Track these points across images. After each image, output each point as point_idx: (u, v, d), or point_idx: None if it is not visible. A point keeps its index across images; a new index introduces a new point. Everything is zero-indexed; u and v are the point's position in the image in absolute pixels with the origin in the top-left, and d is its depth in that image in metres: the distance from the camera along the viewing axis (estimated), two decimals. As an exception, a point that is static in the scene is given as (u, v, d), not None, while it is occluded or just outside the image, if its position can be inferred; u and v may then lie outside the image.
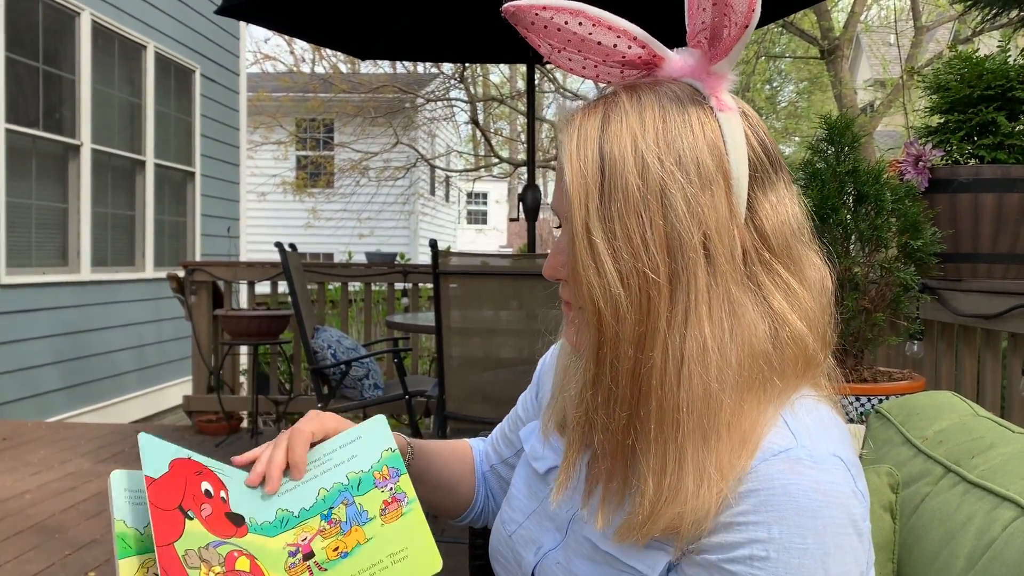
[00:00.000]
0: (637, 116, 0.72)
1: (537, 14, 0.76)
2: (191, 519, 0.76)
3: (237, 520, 0.80)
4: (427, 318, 3.59)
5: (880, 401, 1.93)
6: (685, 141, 0.71)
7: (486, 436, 1.42)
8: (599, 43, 0.76)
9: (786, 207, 0.76)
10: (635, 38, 0.75)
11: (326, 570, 0.80)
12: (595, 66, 0.78)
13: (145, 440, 0.80)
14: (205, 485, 0.80)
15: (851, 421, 1.87)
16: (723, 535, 0.68)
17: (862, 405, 1.96)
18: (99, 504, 3.50)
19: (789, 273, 0.74)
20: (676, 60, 0.77)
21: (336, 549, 0.81)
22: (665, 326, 0.70)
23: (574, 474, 0.81)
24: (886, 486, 0.96)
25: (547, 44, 0.78)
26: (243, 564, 0.76)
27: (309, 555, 0.81)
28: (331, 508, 0.83)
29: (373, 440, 0.89)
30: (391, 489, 0.85)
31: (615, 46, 0.76)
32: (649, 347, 0.70)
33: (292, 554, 0.80)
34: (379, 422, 0.90)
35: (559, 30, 0.76)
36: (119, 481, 0.78)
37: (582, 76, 0.79)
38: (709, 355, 0.70)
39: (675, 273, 0.70)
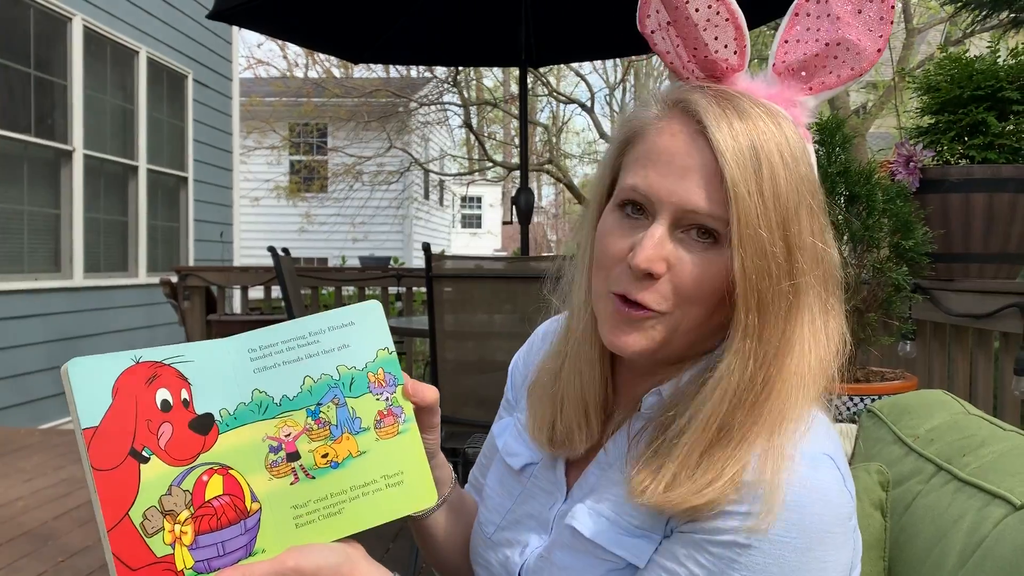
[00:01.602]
0: (770, 119, 0.73)
1: None
2: (147, 460, 0.67)
3: (204, 426, 0.70)
4: (421, 322, 3.59)
5: (873, 400, 1.93)
6: (805, 156, 0.74)
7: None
8: (715, 37, 0.75)
9: (830, 236, 0.78)
10: (744, 46, 0.76)
11: (314, 478, 0.73)
12: (678, 57, 0.78)
13: (77, 372, 0.67)
14: (162, 395, 0.69)
15: (843, 420, 1.88)
16: (710, 521, 0.69)
17: (855, 405, 1.96)
18: (92, 511, 3.48)
19: (835, 299, 0.77)
20: (745, 79, 0.77)
21: (325, 456, 0.74)
22: (799, 330, 0.73)
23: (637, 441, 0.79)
24: (876, 484, 0.96)
25: (659, 18, 0.77)
26: (215, 487, 0.69)
27: (294, 455, 0.73)
28: (319, 404, 0.75)
29: (367, 331, 0.78)
30: (387, 400, 0.78)
31: (725, 46, 0.76)
32: (783, 357, 0.72)
33: (273, 449, 0.72)
34: (374, 309, 0.79)
35: (696, 11, 0.75)
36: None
37: (662, 58, 0.79)
38: (821, 365, 0.74)
39: (807, 279, 0.73)
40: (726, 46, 0.75)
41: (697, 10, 0.74)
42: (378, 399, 0.78)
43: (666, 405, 0.78)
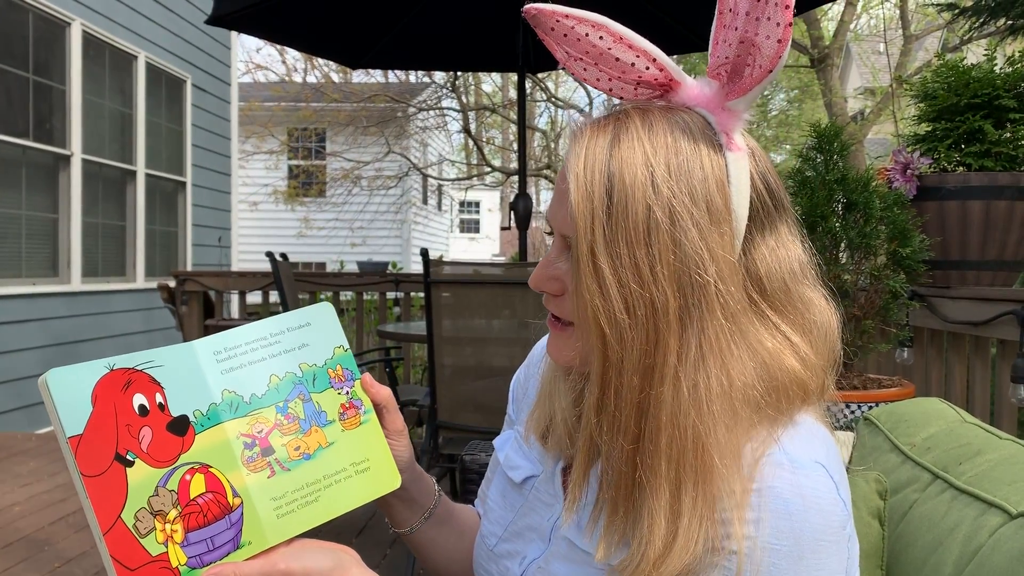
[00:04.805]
0: (648, 142, 0.70)
1: (559, 21, 0.75)
2: (132, 464, 0.70)
3: (181, 427, 0.73)
4: (419, 327, 3.59)
5: (870, 408, 1.93)
6: (696, 175, 0.70)
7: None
8: (617, 59, 0.75)
9: (787, 250, 0.75)
10: (654, 60, 0.75)
11: (289, 470, 0.77)
12: (609, 80, 0.77)
13: (56, 382, 0.69)
14: (138, 400, 0.72)
15: (840, 428, 1.88)
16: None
17: (852, 412, 1.97)
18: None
19: (779, 316, 0.74)
20: (692, 87, 0.76)
21: (298, 449, 0.78)
22: (676, 361, 0.69)
23: (581, 496, 0.78)
24: (874, 493, 0.96)
25: (564, 51, 0.78)
26: (198, 484, 0.72)
27: (268, 450, 0.77)
28: (286, 401, 0.80)
29: (323, 331, 0.85)
30: (347, 393, 0.84)
31: (633, 65, 0.75)
32: (658, 381, 0.69)
33: (248, 446, 0.76)
34: (326, 310, 0.86)
35: (579, 40, 0.76)
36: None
37: (594, 87, 0.78)
38: (729, 393, 0.69)
39: (686, 308, 0.69)
40: (634, 64, 0.75)
41: (593, 39, 0.75)
42: (339, 393, 0.83)
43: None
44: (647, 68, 0.75)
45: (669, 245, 0.68)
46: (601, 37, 0.75)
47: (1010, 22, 4.71)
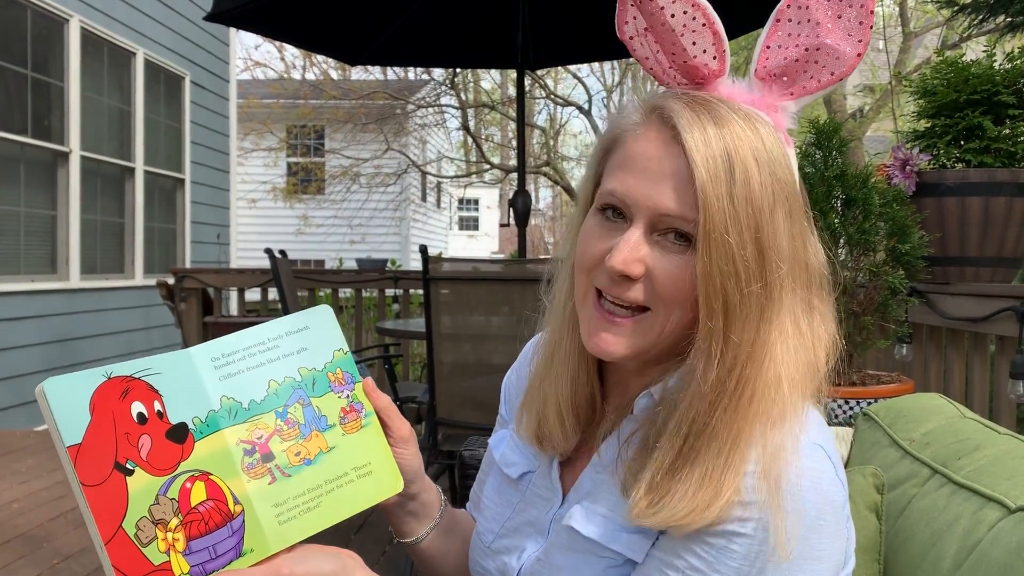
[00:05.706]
0: (747, 128, 0.73)
1: None
2: (131, 472, 0.69)
3: (180, 435, 0.73)
4: (418, 324, 3.59)
5: (868, 404, 1.93)
6: (784, 162, 0.74)
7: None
8: (693, 43, 0.76)
9: (815, 241, 0.79)
10: (723, 51, 0.76)
11: (290, 476, 0.76)
12: (658, 63, 0.79)
13: (53, 391, 0.68)
14: (137, 408, 0.72)
15: (839, 424, 1.88)
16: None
17: (851, 408, 1.97)
18: (88, 513, 3.47)
19: (820, 301, 0.77)
20: (727, 84, 0.78)
21: (298, 454, 0.78)
22: (778, 336, 0.72)
23: (623, 455, 0.78)
24: (871, 487, 0.96)
25: (637, 24, 0.78)
26: (199, 492, 0.72)
27: (268, 456, 0.76)
28: (286, 406, 0.79)
29: (322, 334, 0.84)
30: (347, 397, 0.83)
31: (704, 51, 0.76)
32: (759, 358, 0.72)
33: (248, 452, 0.75)
34: (325, 312, 0.85)
35: (672, 16, 0.75)
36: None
37: (642, 64, 0.80)
38: (797, 369, 0.73)
39: (783, 281, 0.73)
40: (704, 51, 0.75)
41: (673, 16, 0.75)
42: (339, 397, 0.82)
43: (656, 407, 0.78)
44: (714, 58, 0.76)
45: (780, 223, 0.72)
46: (694, 18, 0.75)
47: (1009, 19, 4.71)
